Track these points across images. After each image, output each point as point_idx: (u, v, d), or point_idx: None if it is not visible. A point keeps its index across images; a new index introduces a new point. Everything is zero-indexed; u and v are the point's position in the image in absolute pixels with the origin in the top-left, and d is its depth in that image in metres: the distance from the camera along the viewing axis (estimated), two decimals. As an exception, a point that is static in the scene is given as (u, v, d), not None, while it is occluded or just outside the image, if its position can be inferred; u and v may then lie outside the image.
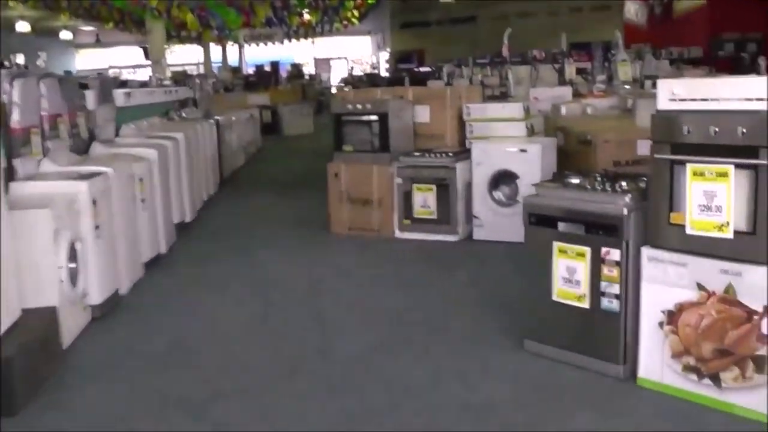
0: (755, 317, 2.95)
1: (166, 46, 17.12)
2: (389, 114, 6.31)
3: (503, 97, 8.70)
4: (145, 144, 6.10)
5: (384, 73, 26.33)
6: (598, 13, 20.12)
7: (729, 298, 3.01)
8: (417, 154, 6.28)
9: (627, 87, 8.48)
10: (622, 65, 8.99)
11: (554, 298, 3.54)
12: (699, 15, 15.06)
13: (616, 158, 5.56)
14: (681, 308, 3.16)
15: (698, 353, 3.12)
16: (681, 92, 3.12)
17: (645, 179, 3.43)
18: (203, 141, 8.29)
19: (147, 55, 18.07)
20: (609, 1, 20.40)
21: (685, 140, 3.08)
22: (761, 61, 9.63)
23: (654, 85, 8.61)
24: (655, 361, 3.26)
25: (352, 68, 30.36)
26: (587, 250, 3.40)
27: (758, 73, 9.01)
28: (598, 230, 3.36)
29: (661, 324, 3.22)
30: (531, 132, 6.32)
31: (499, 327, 4.06)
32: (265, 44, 21.03)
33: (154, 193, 5.66)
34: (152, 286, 5.12)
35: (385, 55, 29.84)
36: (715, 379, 3.08)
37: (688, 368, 3.16)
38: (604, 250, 3.35)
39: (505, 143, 6.00)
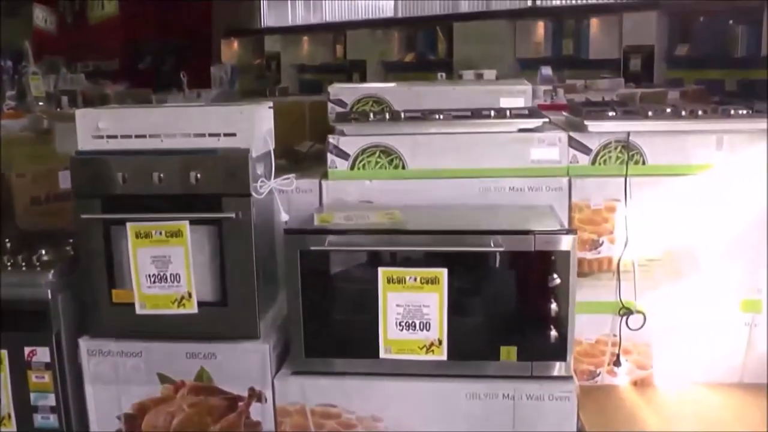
0: (240, 403, 2.36)
1: None
2: None
3: None
4: None
5: None
6: (4, 17, 18.23)
7: (203, 386, 2.37)
8: None
9: (41, 104, 7.45)
10: (33, 79, 7.90)
11: (-37, 427, 2.47)
12: (116, 26, 14.55)
13: (36, 194, 4.47)
14: (143, 409, 2.41)
15: (173, 459, 2.42)
16: (110, 126, 2.32)
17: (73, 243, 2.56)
18: None
19: None
20: (15, 2, 18.61)
21: (121, 191, 2.29)
22: (183, 75, 9.41)
23: (72, 102, 7.76)
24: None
25: None
26: (4, 353, 2.42)
27: (180, 87, 8.70)
28: (16, 324, 2.39)
29: (119, 433, 2.43)
30: None
31: None
32: None
33: None
34: None
35: None
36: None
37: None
38: (27, 350, 2.40)
39: None
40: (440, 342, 2.21)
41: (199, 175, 2.26)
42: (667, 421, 2.37)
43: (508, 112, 2.59)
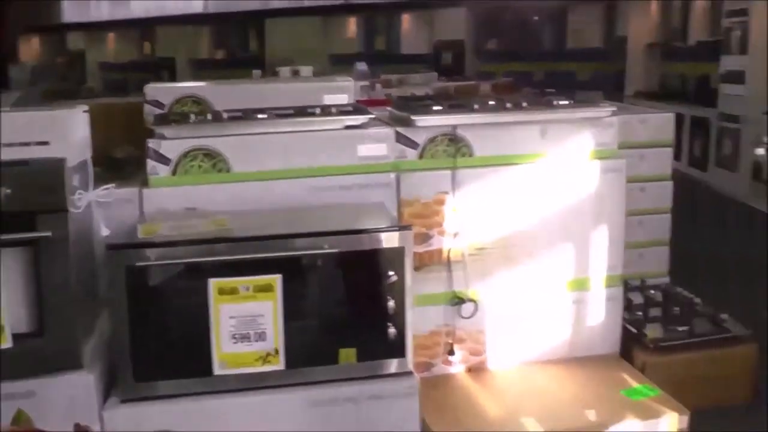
0: (65, 441, 2.14)
1: None
2: None
3: None
4: None
5: None
6: None
7: (22, 430, 2.12)
8: None
9: None
10: None
11: None
12: None
13: None
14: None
15: None
16: None
17: None
18: None
19: None
20: None
21: None
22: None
23: None
24: None
25: None
26: None
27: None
28: None
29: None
30: None
31: None
32: None
33: None
34: None
35: None
36: None
37: None
38: None
39: None
40: (277, 351, 2.12)
41: (8, 191, 2.01)
42: (502, 401, 2.45)
43: (333, 109, 2.54)
